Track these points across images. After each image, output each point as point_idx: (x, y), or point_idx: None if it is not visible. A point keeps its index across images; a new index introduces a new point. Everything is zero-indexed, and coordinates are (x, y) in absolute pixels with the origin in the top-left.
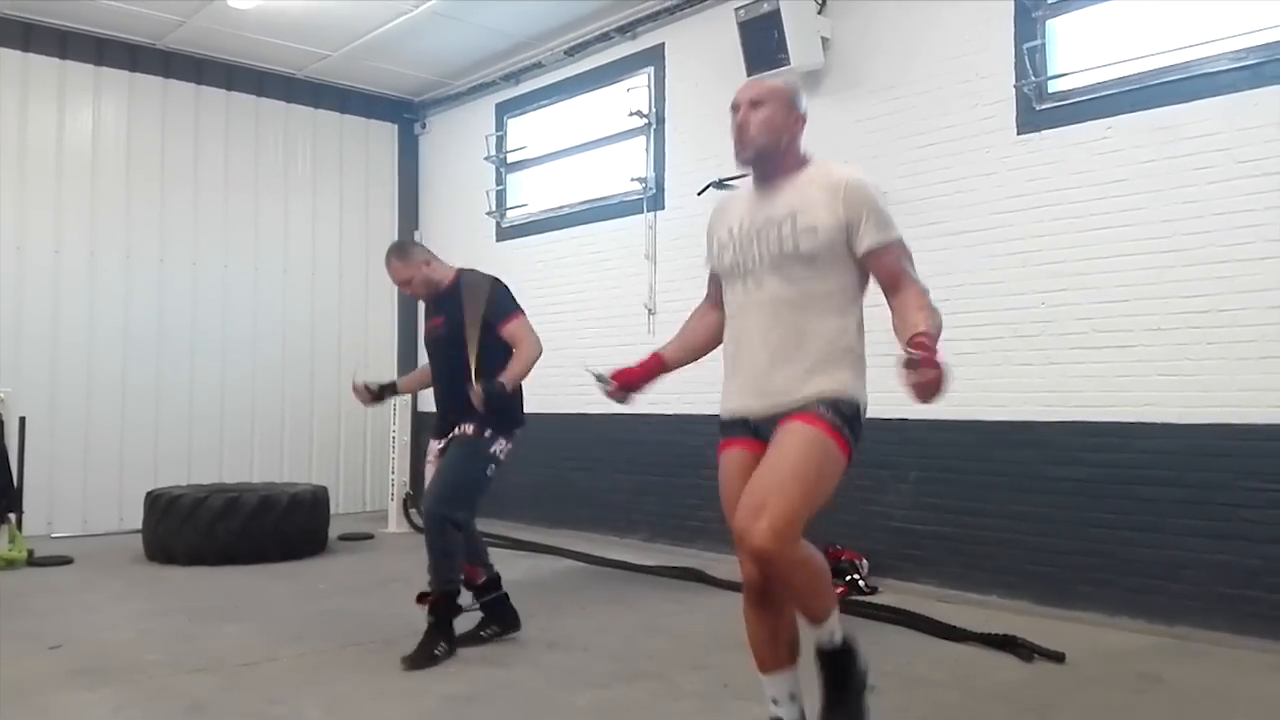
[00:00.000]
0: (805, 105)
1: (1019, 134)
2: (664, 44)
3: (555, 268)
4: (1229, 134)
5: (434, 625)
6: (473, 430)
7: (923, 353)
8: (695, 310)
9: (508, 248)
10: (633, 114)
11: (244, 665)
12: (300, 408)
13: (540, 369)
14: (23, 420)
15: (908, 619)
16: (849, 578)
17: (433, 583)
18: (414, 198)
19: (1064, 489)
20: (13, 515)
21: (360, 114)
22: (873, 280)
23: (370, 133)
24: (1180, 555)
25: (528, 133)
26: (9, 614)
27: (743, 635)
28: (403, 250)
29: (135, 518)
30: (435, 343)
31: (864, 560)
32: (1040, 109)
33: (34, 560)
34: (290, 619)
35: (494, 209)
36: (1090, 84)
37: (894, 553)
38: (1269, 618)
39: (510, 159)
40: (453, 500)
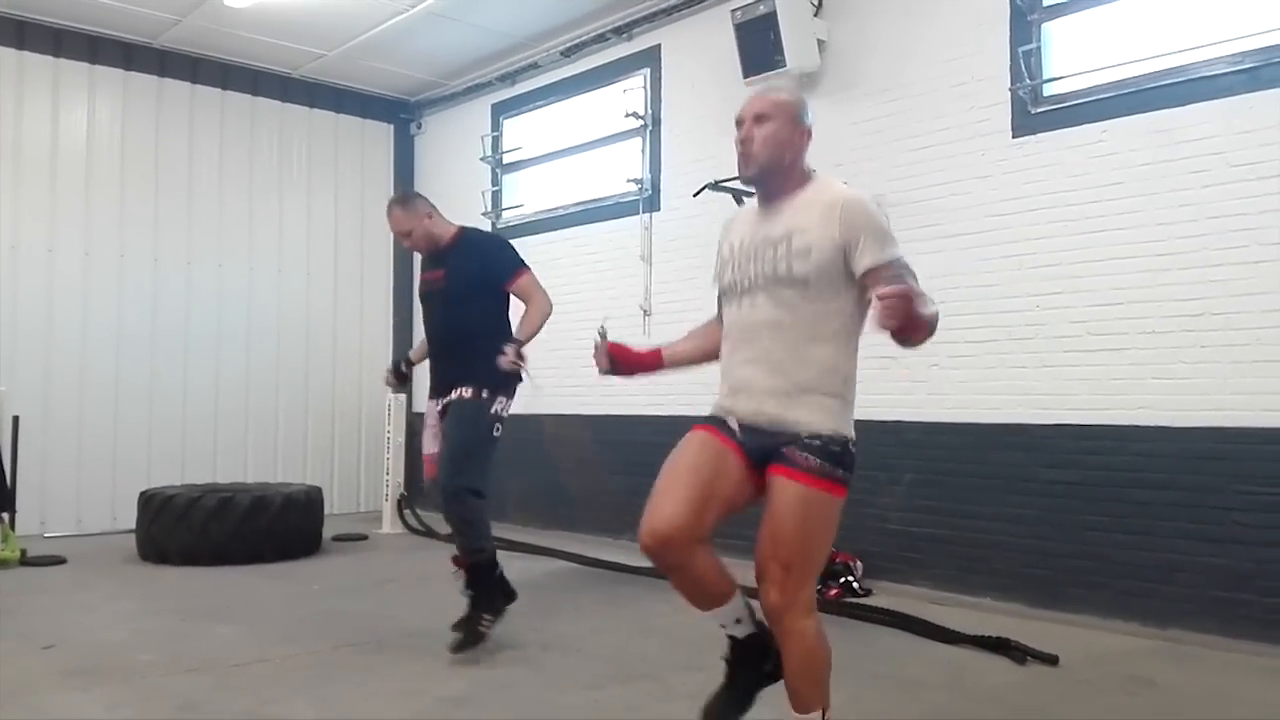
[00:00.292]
0: (812, 119)
1: (1014, 137)
2: (660, 45)
3: (550, 269)
4: (1225, 137)
5: (474, 600)
6: (471, 393)
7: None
8: (706, 322)
9: None
10: (629, 115)
11: (237, 666)
12: (295, 408)
13: (534, 370)
14: (16, 419)
15: (902, 621)
16: (843, 580)
17: (463, 554)
18: None
19: (1058, 492)
20: (5, 515)
21: (356, 114)
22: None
23: (366, 133)
24: (1174, 558)
25: (523, 133)
26: (2, 614)
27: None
28: (406, 201)
29: (129, 517)
30: (434, 296)
31: (858, 562)
32: (1035, 112)
33: (27, 560)
34: (284, 619)
35: (489, 209)
36: (1086, 87)
37: (888, 555)
38: (1262, 621)
39: (506, 160)
40: (466, 470)
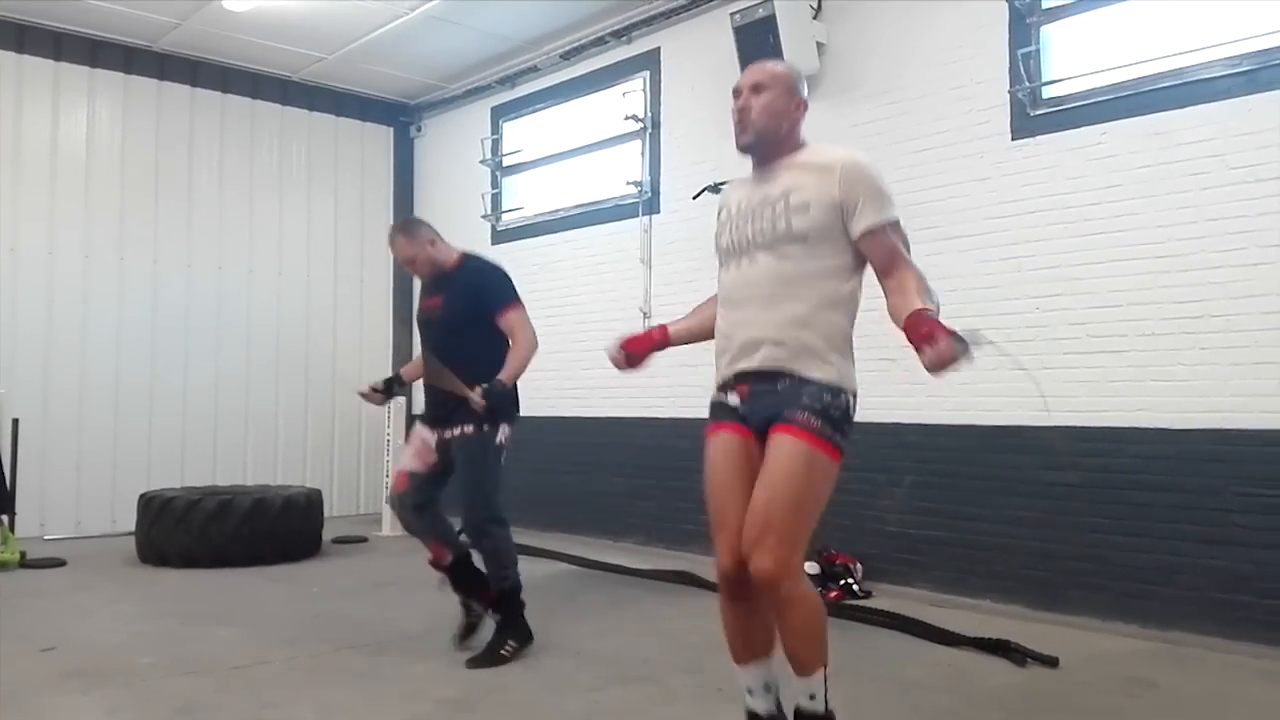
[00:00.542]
0: (806, 91)
1: (1013, 139)
2: (659, 48)
3: (550, 271)
4: (1223, 140)
5: (500, 625)
6: (474, 429)
7: (924, 327)
8: (710, 297)
9: (503, 251)
10: (628, 118)
11: (237, 668)
12: (294, 410)
13: (535, 372)
14: (15, 422)
15: (901, 623)
16: (843, 582)
17: (492, 585)
18: (409, 201)
19: (1057, 494)
20: (5, 517)
21: (355, 117)
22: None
23: (365, 136)
24: (1173, 560)
25: (523, 136)
26: (1, 616)
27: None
28: (409, 228)
29: (128, 520)
30: (430, 324)
31: (858, 565)
32: (1034, 114)
33: (26, 562)
34: (283, 622)
35: (489, 212)
36: (1085, 90)
37: (888, 557)
38: (1262, 623)
39: (506, 162)
40: (486, 506)
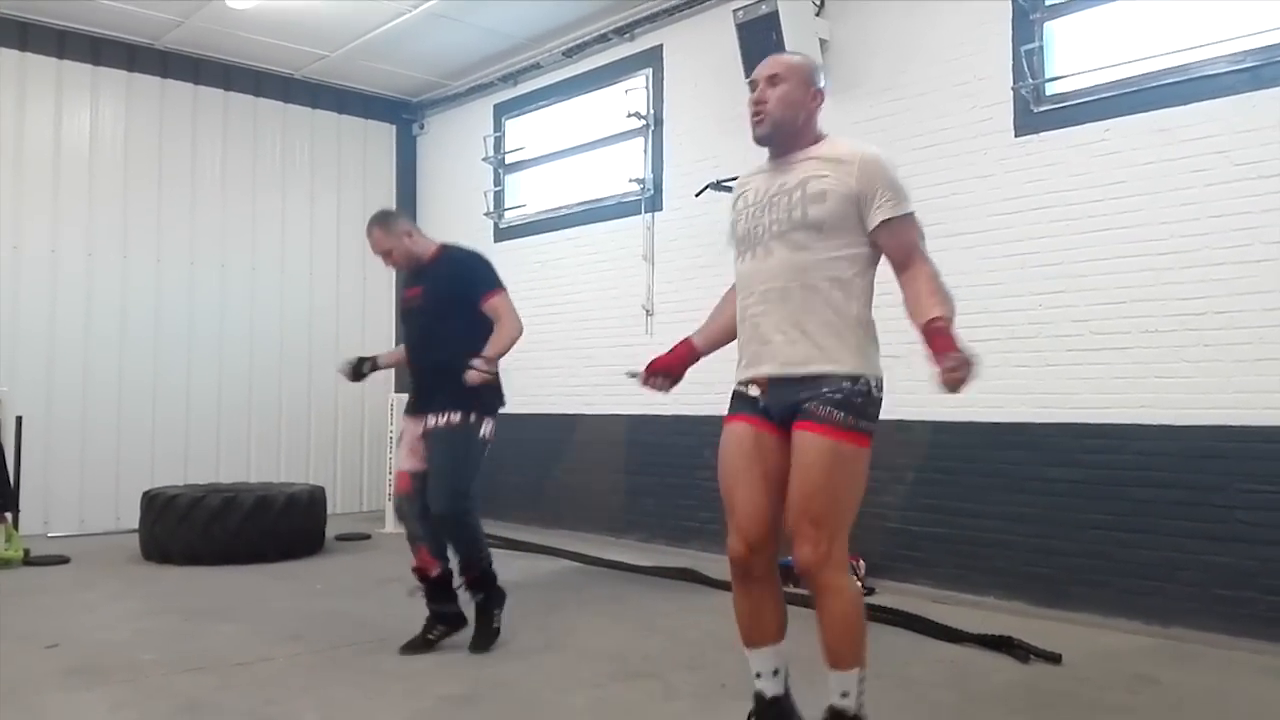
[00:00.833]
0: (823, 83)
1: (1017, 136)
2: (662, 45)
3: (553, 269)
4: (1227, 136)
5: (483, 603)
6: (459, 419)
7: (941, 347)
8: (724, 296)
9: (505, 248)
10: (631, 115)
11: (240, 665)
12: (297, 408)
13: (537, 369)
14: (19, 419)
15: (904, 620)
16: None
17: (466, 569)
18: (412, 198)
19: (1060, 490)
20: (9, 514)
21: (358, 114)
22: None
23: (368, 133)
24: (1176, 557)
25: (526, 134)
26: (5, 613)
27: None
28: (385, 220)
29: (132, 517)
30: (412, 314)
31: (861, 561)
32: (1038, 111)
33: (30, 560)
34: (286, 619)
35: (492, 210)
36: (1088, 86)
37: (891, 554)
38: (1265, 619)
39: (508, 160)
40: (458, 494)
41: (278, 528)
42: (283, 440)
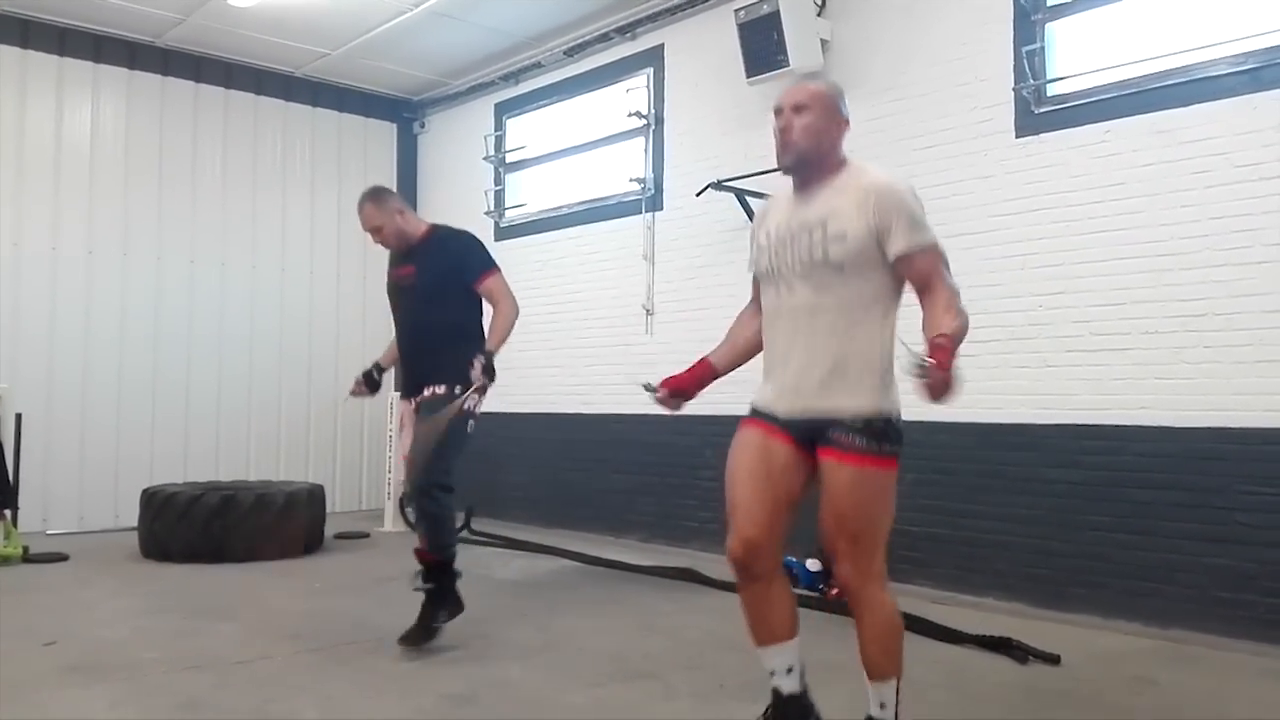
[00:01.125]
0: (848, 110)
1: (1017, 137)
2: (663, 45)
3: (553, 268)
4: (1227, 138)
5: (432, 594)
6: (444, 390)
7: (936, 358)
8: (741, 314)
9: (506, 247)
10: (632, 114)
11: (239, 663)
12: (297, 406)
13: (538, 369)
14: (19, 417)
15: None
16: None
17: (429, 550)
18: (412, 197)
19: (1060, 491)
20: (8, 512)
21: (359, 113)
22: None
23: (369, 132)
24: (1176, 559)
25: (527, 133)
26: (4, 611)
27: (738, 635)
28: (378, 196)
29: (131, 515)
30: (403, 292)
31: None
32: (1039, 112)
33: (29, 557)
34: (286, 617)
35: (492, 209)
36: (1089, 87)
37: (890, 554)
38: (1264, 621)
39: (509, 159)
40: (440, 470)
41: (277, 526)
42: (282, 438)
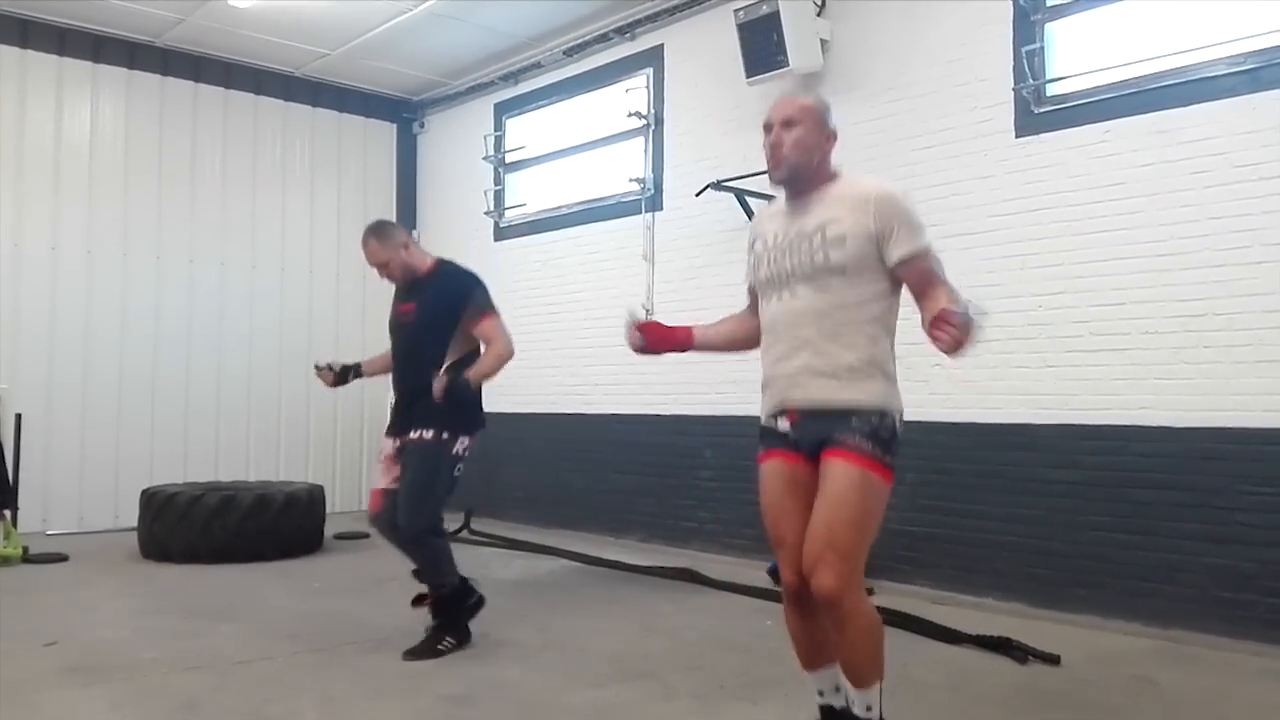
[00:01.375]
0: (835, 123)
1: (1017, 137)
2: (663, 45)
3: (553, 268)
4: (1227, 138)
5: (439, 626)
6: (432, 435)
7: (950, 316)
8: (739, 313)
9: (505, 248)
10: (631, 115)
11: (239, 664)
12: (297, 406)
13: (537, 369)
14: (19, 417)
15: (903, 621)
16: None
17: (431, 588)
18: (412, 197)
19: (1060, 491)
20: (8, 512)
21: (359, 113)
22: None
23: (369, 132)
24: (1176, 559)
25: (526, 133)
26: (4, 611)
27: (738, 635)
28: (382, 231)
29: (131, 515)
30: (402, 329)
31: None
32: (1038, 112)
33: (29, 557)
34: (285, 618)
35: (492, 209)
36: (1088, 87)
37: (890, 554)
38: (1265, 621)
39: (509, 159)
40: (424, 512)
41: (277, 526)
42: (282, 439)
